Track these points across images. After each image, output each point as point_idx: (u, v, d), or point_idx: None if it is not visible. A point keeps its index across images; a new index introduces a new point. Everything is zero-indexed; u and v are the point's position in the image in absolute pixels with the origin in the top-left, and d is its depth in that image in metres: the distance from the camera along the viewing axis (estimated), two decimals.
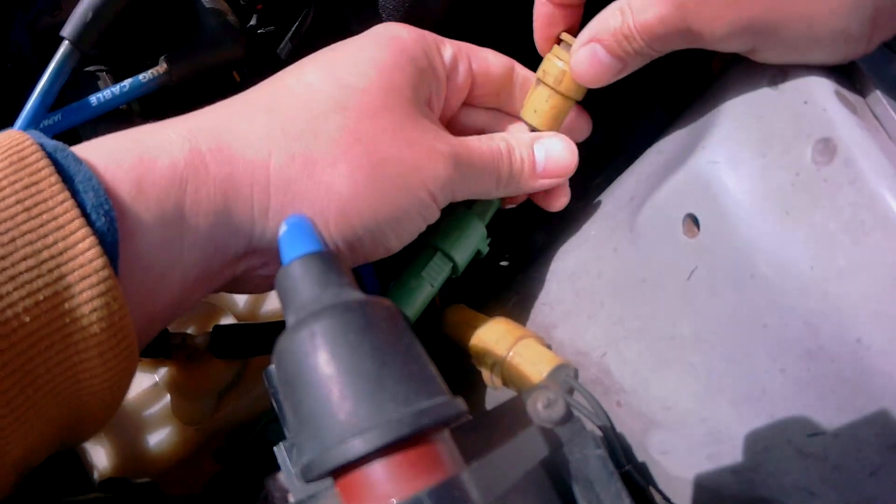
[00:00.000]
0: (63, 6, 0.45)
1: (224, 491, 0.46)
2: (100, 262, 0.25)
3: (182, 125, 0.31)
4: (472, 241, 0.41)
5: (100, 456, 0.45)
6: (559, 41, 0.38)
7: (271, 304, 0.50)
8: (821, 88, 0.31)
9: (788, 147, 0.31)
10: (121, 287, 0.26)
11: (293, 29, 0.48)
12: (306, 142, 0.31)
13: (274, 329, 0.44)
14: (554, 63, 0.38)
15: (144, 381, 0.46)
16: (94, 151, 0.28)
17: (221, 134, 0.31)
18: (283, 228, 0.27)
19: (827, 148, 0.30)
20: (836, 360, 0.29)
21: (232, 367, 0.46)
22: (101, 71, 0.45)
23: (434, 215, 0.36)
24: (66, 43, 0.40)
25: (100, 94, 0.42)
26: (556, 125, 0.40)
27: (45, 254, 0.25)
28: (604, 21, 0.35)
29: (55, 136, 0.29)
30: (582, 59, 0.36)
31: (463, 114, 0.41)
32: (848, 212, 0.29)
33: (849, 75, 0.33)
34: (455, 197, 0.36)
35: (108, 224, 0.26)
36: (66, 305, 0.25)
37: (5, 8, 0.45)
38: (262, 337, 0.44)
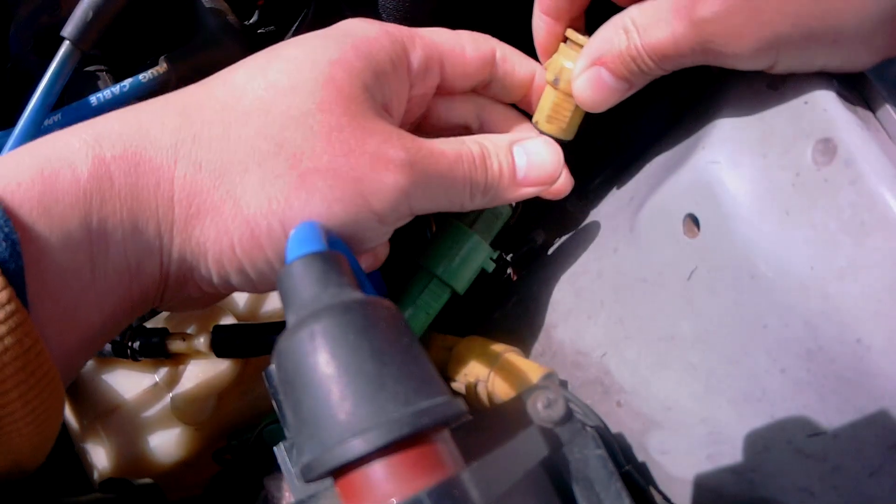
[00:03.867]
0: (63, 6, 0.45)
1: (224, 492, 0.46)
2: (4, 294, 0.22)
3: (88, 130, 0.27)
4: (474, 263, 0.39)
5: (100, 456, 0.45)
6: (565, 39, 0.35)
7: (271, 304, 0.49)
8: (821, 88, 0.31)
9: (789, 147, 0.31)
10: (32, 320, 0.23)
11: (293, 28, 0.48)
12: (218, 149, 0.28)
13: (274, 329, 0.44)
14: (561, 63, 0.35)
15: (144, 381, 0.46)
16: None
17: (128, 139, 0.27)
18: (291, 232, 0.27)
19: (827, 148, 0.30)
20: (836, 360, 0.29)
21: (232, 367, 0.46)
22: (101, 71, 0.45)
23: (379, 238, 0.31)
24: (66, 43, 0.40)
25: (100, 94, 0.42)
26: (570, 130, 0.36)
27: None
28: (607, 42, 0.32)
29: None
30: (585, 84, 0.33)
31: (442, 107, 0.36)
32: (848, 212, 0.29)
33: (849, 75, 0.33)
34: (413, 212, 0.31)
35: (11, 249, 0.23)
36: None
37: (5, 7, 0.45)
38: (262, 337, 0.44)
